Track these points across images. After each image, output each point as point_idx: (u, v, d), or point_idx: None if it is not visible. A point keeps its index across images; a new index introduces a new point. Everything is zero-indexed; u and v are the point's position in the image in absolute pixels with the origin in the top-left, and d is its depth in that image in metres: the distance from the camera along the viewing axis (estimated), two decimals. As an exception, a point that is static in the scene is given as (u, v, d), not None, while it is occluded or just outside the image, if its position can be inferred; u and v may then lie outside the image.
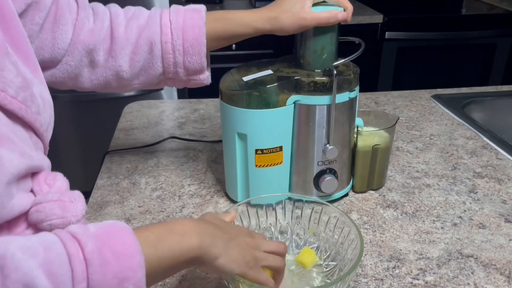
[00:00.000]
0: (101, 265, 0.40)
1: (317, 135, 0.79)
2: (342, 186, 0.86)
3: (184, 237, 0.48)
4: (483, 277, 0.69)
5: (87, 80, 0.74)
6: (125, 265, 0.41)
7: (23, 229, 0.48)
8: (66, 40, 0.69)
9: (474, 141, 1.10)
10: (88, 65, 0.73)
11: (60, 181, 0.52)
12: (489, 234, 0.78)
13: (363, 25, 2.28)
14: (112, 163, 1.01)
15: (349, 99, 0.79)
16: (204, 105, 1.31)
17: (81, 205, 0.50)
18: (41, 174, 0.50)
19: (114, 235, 0.43)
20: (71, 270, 0.39)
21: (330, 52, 0.78)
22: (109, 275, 0.40)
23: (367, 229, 0.79)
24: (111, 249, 0.41)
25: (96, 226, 0.44)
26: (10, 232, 0.47)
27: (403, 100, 1.33)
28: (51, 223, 0.48)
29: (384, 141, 0.86)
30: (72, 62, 0.71)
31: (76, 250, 0.40)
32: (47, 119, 0.53)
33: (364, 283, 0.68)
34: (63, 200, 0.49)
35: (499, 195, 0.89)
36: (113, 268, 0.41)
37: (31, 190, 0.49)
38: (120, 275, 0.41)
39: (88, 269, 0.40)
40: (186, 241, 0.48)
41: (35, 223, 0.48)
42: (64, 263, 0.39)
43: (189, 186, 0.92)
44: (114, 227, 0.44)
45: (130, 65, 0.73)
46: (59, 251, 0.40)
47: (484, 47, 2.43)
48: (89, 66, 0.73)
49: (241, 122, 0.78)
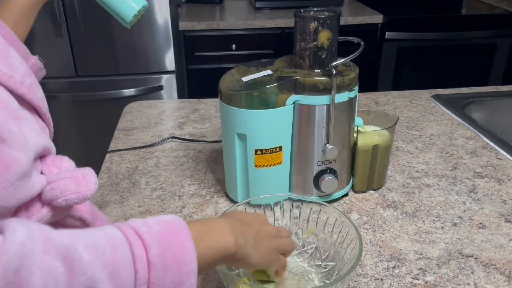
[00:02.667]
0: (163, 270, 0.41)
1: (317, 135, 0.79)
2: (342, 186, 0.86)
3: (221, 235, 0.50)
4: (483, 277, 0.69)
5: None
6: (182, 270, 0.42)
7: (39, 207, 0.49)
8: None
9: (474, 141, 1.10)
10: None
11: (67, 162, 0.53)
12: (489, 234, 0.78)
13: (363, 25, 2.28)
14: (112, 163, 1.01)
15: (349, 98, 0.79)
16: (204, 105, 1.31)
17: (94, 179, 0.50)
18: (49, 157, 0.52)
19: (175, 237, 0.43)
20: (134, 272, 0.39)
21: (329, 52, 0.78)
22: (168, 279, 0.41)
23: (367, 229, 0.79)
24: (172, 254, 0.42)
25: (158, 223, 0.44)
26: (27, 212, 0.48)
27: (403, 100, 1.33)
28: (66, 198, 0.48)
29: (384, 141, 0.86)
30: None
31: (141, 252, 0.40)
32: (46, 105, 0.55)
33: (364, 283, 0.68)
34: (76, 177, 0.49)
35: (499, 195, 0.89)
36: (172, 273, 0.41)
37: (41, 172, 0.51)
38: (176, 279, 0.42)
39: (150, 272, 0.40)
40: (223, 239, 0.49)
41: (49, 201, 0.49)
42: (128, 265, 0.39)
43: (189, 186, 0.92)
44: (174, 226, 0.44)
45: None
46: (125, 252, 0.39)
47: (484, 47, 2.43)
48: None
49: (241, 123, 0.78)
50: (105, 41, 1.96)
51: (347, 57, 0.77)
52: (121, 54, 2.00)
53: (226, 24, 2.16)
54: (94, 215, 0.58)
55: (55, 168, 0.51)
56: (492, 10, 2.52)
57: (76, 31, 1.92)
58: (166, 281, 0.41)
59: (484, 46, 2.43)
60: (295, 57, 0.81)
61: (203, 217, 0.83)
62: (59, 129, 2.10)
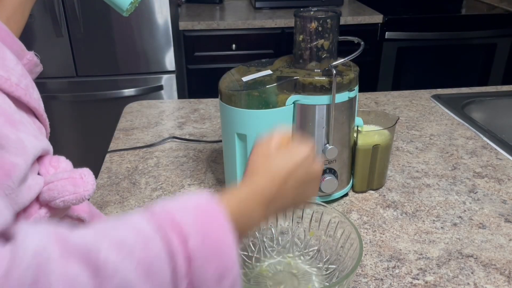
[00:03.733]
0: (204, 260, 0.37)
1: (317, 135, 0.79)
2: (342, 186, 0.86)
3: (254, 218, 0.46)
4: (483, 277, 0.69)
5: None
6: (224, 259, 0.38)
7: (36, 209, 0.49)
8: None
9: (474, 141, 1.10)
10: None
11: (64, 163, 0.53)
12: (489, 234, 0.78)
13: (363, 25, 2.28)
14: (112, 163, 1.01)
15: (349, 98, 0.79)
16: (204, 105, 1.31)
17: (92, 180, 0.50)
18: (46, 158, 0.52)
19: (213, 222, 0.39)
20: (171, 269, 0.35)
21: (329, 52, 0.78)
22: (210, 271, 0.37)
23: (367, 229, 0.79)
24: (212, 242, 0.38)
25: (195, 207, 0.39)
26: (25, 213, 0.48)
27: (403, 100, 1.33)
28: (64, 199, 0.48)
29: (384, 140, 0.86)
30: None
31: (178, 245, 0.36)
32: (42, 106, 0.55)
33: (364, 283, 0.68)
34: (74, 177, 0.49)
35: (499, 195, 0.89)
36: (214, 263, 0.37)
37: (38, 173, 0.51)
38: (219, 270, 0.38)
39: (191, 265, 0.36)
40: (255, 221, 0.47)
41: (47, 202, 0.49)
42: (164, 262, 0.35)
43: (189, 186, 0.92)
44: (212, 207, 0.40)
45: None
46: (158, 249, 0.35)
47: (484, 47, 2.43)
48: None
49: (241, 122, 0.78)
50: (105, 41, 1.96)
51: (347, 57, 0.77)
52: (121, 54, 2.00)
53: (226, 24, 2.16)
54: (92, 214, 0.58)
55: (52, 168, 0.51)
56: (492, 10, 2.52)
57: (76, 31, 1.92)
58: (208, 273, 0.37)
59: (484, 46, 2.43)
60: (295, 57, 0.81)
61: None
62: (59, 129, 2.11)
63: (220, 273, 0.37)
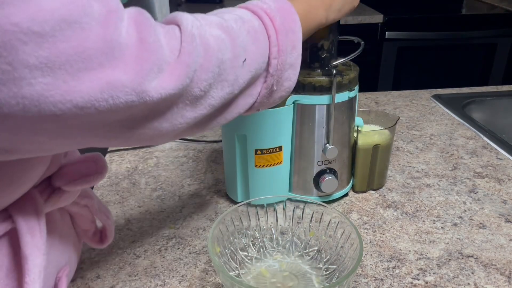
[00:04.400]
0: (285, 35, 0.52)
1: (317, 135, 0.79)
2: (342, 186, 0.86)
3: (317, 14, 0.61)
4: (483, 277, 0.69)
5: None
6: (295, 36, 0.53)
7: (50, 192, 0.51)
8: None
9: (474, 141, 1.09)
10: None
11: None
12: (489, 234, 0.78)
13: (363, 25, 2.28)
14: (112, 163, 1.01)
15: (349, 98, 0.79)
16: (204, 105, 1.30)
17: (104, 161, 0.54)
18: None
19: (287, 12, 0.53)
20: (268, 36, 0.51)
21: (329, 52, 0.78)
22: (289, 43, 0.52)
23: (367, 229, 0.79)
24: (288, 24, 0.52)
25: (274, 1, 0.54)
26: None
27: (403, 100, 1.33)
28: (79, 181, 0.51)
29: (384, 140, 0.86)
30: None
31: (269, 22, 0.51)
32: None
33: (364, 283, 0.68)
34: (87, 161, 0.53)
35: (499, 195, 0.89)
36: (290, 38, 0.52)
37: None
38: (292, 43, 0.53)
39: (278, 36, 0.51)
40: (318, 17, 0.61)
41: (61, 184, 0.51)
42: (262, 31, 0.50)
43: (189, 186, 0.92)
44: (285, 3, 0.54)
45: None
46: (257, 22, 0.51)
47: (484, 47, 2.43)
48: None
49: (241, 123, 0.78)
50: (105, 41, 1.96)
51: (347, 57, 0.77)
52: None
53: (226, 24, 2.16)
54: (98, 206, 0.60)
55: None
56: (492, 10, 2.52)
57: (76, 31, 1.92)
58: (287, 43, 0.52)
59: (484, 46, 2.43)
60: (295, 57, 0.81)
61: (203, 217, 0.83)
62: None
63: (292, 46, 0.53)
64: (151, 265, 0.71)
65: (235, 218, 0.69)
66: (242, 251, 0.70)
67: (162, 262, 0.72)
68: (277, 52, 0.51)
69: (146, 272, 0.70)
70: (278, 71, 0.52)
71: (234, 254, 0.68)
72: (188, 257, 0.73)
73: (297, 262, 0.70)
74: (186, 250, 0.75)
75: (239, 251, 0.69)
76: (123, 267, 0.71)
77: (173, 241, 0.77)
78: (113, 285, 0.68)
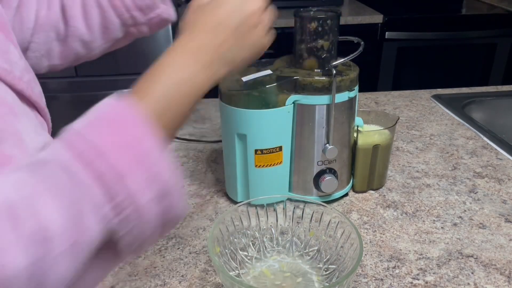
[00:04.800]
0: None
1: (317, 135, 0.79)
2: (342, 186, 0.86)
3: (194, 84, 0.48)
4: (483, 277, 0.69)
5: (59, 55, 0.72)
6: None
7: None
8: (32, 18, 0.67)
9: (474, 141, 1.09)
10: (56, 38, 0.71)
11: None
12: (489, 234, 0.78)
13: (363, 25, 2.28)
14: (112, 163, 1.01)
15: (349, 98, 0.79)
16: (204, 105, 1.31)
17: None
18: None
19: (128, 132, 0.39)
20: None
21: (329, 52, 0.78)
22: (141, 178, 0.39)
23: (367, 229, 0.79)
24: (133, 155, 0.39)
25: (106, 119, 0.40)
26: None
27: (403, 100, 1.33)
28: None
29: (384, 140, 0.86)
30: (41, 39, 0.69)
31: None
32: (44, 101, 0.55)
33: (364, 283, 0.68)
34: None
35: (499, 195, 0.89)
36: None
37: None
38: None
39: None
40: (195, 90, 0.48)
41: None
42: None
43: (189, 186, 0.92)
44: (124, 115, 0.40)
45: (86, 26, 0.71)
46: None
47: (484, 47, 2.43)
48: (57, 39, 0.71)
49: (241, 123, 0.78)
50: (105, 41, 1.96)
51: (347, 57, 0.77)
52: (121, 54, 1.99)
53: (226, 24, 2.16)
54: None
55: None
56: (492, 10, 2.52)
57: (76, 31, 1.92)
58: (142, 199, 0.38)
59: (484, 46, 2.43)
60: (295, 57, 0.81)
61: (203, 217, 0.83)
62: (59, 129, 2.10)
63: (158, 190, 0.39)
64: (151, 265, 0.71)
65: (235, 218, 0.69)
66: (242, 251, 0.70)
67: (162, 262, 0.72)
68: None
69: (146, 272, 0.70)
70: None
71: (234, 254, 0.68)
72: (188, 257, 0.73)
73: (297, 262, 0.70)
74: (186, 250, 0.75)
75: (239, 251, 0.69)
76: (123, 267, 0.71)
77: (173, 241, 0.77)
78: (113, 285, 0.68)
